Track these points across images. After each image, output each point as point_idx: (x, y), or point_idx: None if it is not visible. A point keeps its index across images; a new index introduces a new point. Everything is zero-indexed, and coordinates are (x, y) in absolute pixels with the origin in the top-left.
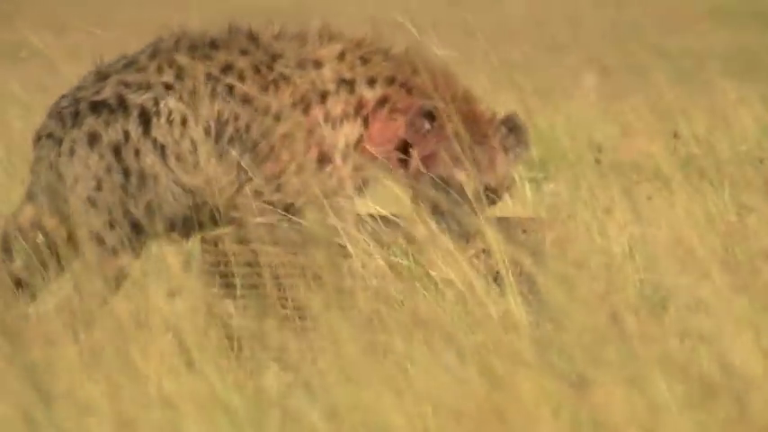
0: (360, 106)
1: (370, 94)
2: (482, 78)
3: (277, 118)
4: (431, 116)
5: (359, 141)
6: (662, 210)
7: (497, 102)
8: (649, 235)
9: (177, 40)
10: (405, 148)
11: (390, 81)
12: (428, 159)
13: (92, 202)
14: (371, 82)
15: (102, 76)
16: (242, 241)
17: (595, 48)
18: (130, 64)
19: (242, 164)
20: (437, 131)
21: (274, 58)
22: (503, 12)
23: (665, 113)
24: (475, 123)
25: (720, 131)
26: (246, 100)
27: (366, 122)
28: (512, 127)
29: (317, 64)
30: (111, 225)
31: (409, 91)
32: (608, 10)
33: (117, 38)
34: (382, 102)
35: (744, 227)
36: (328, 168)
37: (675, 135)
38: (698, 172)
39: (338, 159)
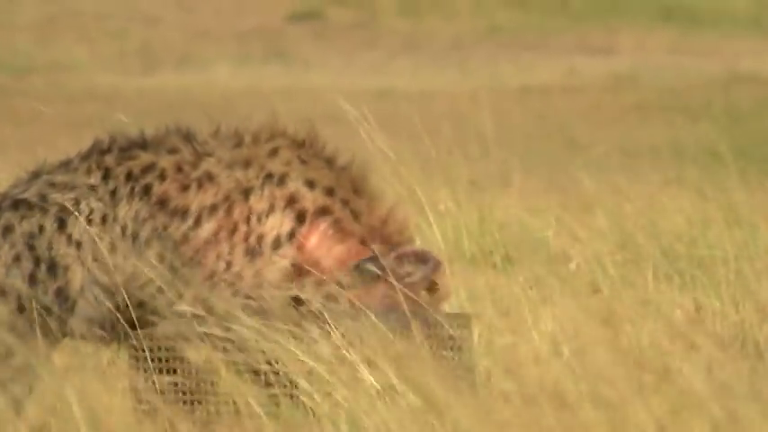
0: (292, 200)
1: (308, 195)
2: (415, 169)
3: (197, 221)
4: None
5: (292, 235)
6: (596, 305)
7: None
8: (580, 330)
9: (113, 140)
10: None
11: (330, 192)
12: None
13: (0, 291)
14: (309, 184)
15: (35, 175)
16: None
17: (521, 142)
18: (63, 165)
19: (168, 265)
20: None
21: (201, 157)
22: (428, 106)
23: (591, 208)
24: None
25: (650, 228)
26: (163, 200)
27: (301, 220)
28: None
29: (247, 163)
30: (20, 311)
31: (355, 216)
32: (534, 103)
33: (45, 133)
34: (323, 211)
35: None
36: (258, 263)
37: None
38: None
39: (267, 253)
